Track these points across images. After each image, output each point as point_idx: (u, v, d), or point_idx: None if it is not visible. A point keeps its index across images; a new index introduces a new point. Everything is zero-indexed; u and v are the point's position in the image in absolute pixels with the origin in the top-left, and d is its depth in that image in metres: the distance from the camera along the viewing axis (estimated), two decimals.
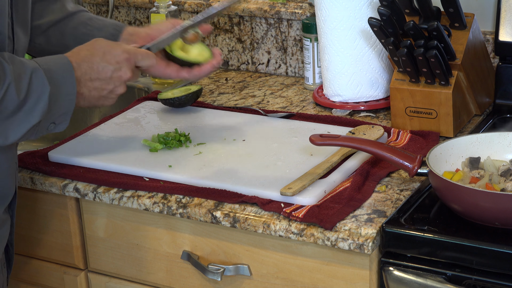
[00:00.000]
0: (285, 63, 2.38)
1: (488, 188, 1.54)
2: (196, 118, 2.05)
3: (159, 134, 1.91)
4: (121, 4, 2.56)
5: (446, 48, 1.83)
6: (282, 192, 1.63)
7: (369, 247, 1.53)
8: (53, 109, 1.59)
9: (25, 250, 1.98)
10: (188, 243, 1.75)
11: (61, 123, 1.63)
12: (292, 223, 1.60)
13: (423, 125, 1.90)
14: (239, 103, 2.16)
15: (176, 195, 1.72)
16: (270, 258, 1.67)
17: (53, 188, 1.82)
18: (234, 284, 1.73)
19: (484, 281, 1.47)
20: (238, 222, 1.64)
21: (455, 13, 1.86)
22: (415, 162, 1.62)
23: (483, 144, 1.68)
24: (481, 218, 1.51)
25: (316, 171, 1.69)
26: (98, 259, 1.88)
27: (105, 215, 1.83)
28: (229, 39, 2.44)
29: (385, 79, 2.06)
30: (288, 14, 2.32)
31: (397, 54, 1.84)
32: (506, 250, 1.45)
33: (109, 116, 2.09)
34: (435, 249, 1.50)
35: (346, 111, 2.06)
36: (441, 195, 1.57)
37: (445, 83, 1.86)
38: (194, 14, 2.46)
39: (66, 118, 1.63)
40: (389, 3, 1.85)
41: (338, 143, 1.68)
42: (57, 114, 1.61)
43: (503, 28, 1.97)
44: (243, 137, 1.92)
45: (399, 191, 1.68)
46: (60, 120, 1.62)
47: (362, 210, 1.61)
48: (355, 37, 2.01)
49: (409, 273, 1.52)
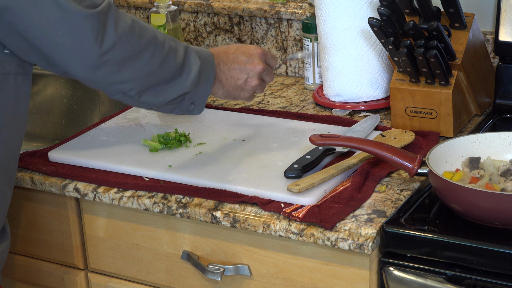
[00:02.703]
0: (285, 63, 2.38)
1: (488, 188, 1.54)
2: (196, 118, 2.05)
3: (159, 134, 1.91)
4: (121, 4, 2.56)
5: (446, 48, 1.83)
6: (288, 188, 1.63)
7: (369, 247, 1.53)
8: (197, 87, 1.71)
9: (25, 250, 1.98)
10: (188, 243, 1.75)
11: (199, 105, 1.75)
12: (292, 223, 1.60)
13: (423, 125, 1.90)
14: (239, 103, 2.16)
15: (176, 195, 1.72)
16: (270, 258, 1.67)
17: (53, 188, 1.82)
18: (234, 284, 1.73)
19: (484, 281, 1.47)
20: (238, 222, 1.64)
21: (455, 13, 1.86)
22: (415, 162, 1.62)
23: (483, 144, 1.68)
24: (481, 218, 1.51)
25: (330, 171, 1.69)
26: (98, 259, 1.88)
27: (105, 215, 1.83)
28: (229, 39, 2.43)
29: (385, 79, 2.06)
30: (288, 14, 2.32)
31: (397, 54, 1.84)
32: (506, 250, 1.45)
33: (109, 116, 2.09)
34: (435, 249, 1.50)
35: (346, 111, 2.06)
36: (441, 195, 1.57)
37: (445, 83, 1.86)
38: (194, 14, 2.46)
39: (203, 102, 1.75)
40: (389, 3, 1.85)
41: (338, 143, 1.68)
42: (198, 95, 1.72)
43: (503, 28, 1.97)
44: (243, 137, 1.92)
45: (399, 191, 1.68)
46: (198, 102, 1.74)
47: (362, 210, 1.61)
48: (355, 37, 2.01)
49: (409, 273, 1.52)
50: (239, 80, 1.79)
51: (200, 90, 1.73)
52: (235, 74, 1.78)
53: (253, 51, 1.80)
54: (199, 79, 1.71)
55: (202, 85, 1.73)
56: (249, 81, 1.79)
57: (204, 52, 1.75)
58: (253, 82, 1.80)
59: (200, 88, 1.72)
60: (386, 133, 1.86)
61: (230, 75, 1.78)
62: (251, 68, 1.79)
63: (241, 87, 1.80)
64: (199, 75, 1.70)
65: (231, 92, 1.80)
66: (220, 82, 1.78)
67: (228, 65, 1.78)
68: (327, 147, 1.77)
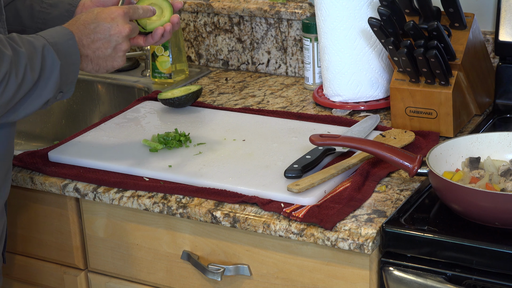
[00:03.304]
0: (285, 63, 2.38)
1: (488, 188, 1.54)
2: (196, 118, 2.05)
3: (159, 134, 1.91)
4: None
5: (446, 48, 1.83)
6: (289, 188, 1.63)
7: (369, 247, 1.53)
8: (62, 80, 1.62)
9: (25, 250, 1.98)
10: (188, 243, 1.75)
11: (68, 91, 1.65)
12: (292, 223, 1.60)
13: (423, 125, 1.90)
14: (239, 103, 2.16)
15: (176, 195, 1.72)
16: (270, 258, 1.67)
17: (53, 188, 1.82)
18: (234, 284, 1.73)
19: (484, 281, 1.47)
20: (238, 222, 1.64)
21: (455, 13, 1.86)
22: (415, 162, 1.62)
23: (483, 144, 1.68)
24: (481, 218, 1.51)
25: (330, 171, 1.69)
26: (98, 259, 1.88)
27: (105, 215, 1.83)
28: (229, 39, 2.44)
29: (385, 79, 2.06)
30: (288, 14, 2.32)
31: (397, 54, 1.84)
32: (506, 250, 1.45)
33: (109, 116, 2.09)
34: (435, 249, 1.50)
35: (346, 111, 2.06)
36: (441, 195, 1.57)
37: (445, 83, 1.86)
38: (194, 14, 2.46)
39: (72, 86, 1.65)
40: (389, 3, 1.85)
41: (338, 143, 1.68)
42: (65, 83, 1.63)
43: (503, 28, 1.97)
44: (243, 137, 1.92)
45: (399, 191, 1.68)
46: (67, 89, 1.65)
47: (362, 210, 1.61)
48: (355, 37, 2.01)
49: (409, 273, 1.52)
50: (107, 49, 1.67)
51: (65, 81, 1.63)
52: (101, 44, 1.66)
53: (114, 13, 1.67)
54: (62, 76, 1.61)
55: (66, 77, 1.62)
56: (119, 47, 1.68)
57: (63, 37, 1.63)
58: (123, 46, 1.68)
59: (64, 80, 1.63)
60: (386, 133, 1.86)
61: (95, 47, 1.66)
62: (117, 33, 1.66)
63: (112, 56, 1.68)
64: (60, 76, 1.61)
65: (102, 64, 1.69)
66: (87, 57, 1.67)
67: (92, 37, 1.66)
68: (327, 147, 1.77)
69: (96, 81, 2.44)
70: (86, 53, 1.66)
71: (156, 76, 2.36)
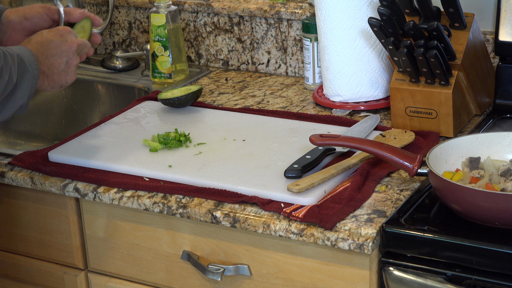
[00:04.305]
0: (285, 63, 2.38)
1: (488, 188, 1.54)
2: (196, 118, 2.05)
3: (159, 134, 1.91)
4: (121, 4, 2.56)
5: (446, 48, 1.83)
6: (289, 188, 1.63)
7: (369, 247, 1.53)
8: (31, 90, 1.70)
9: (25, 250, 1.98)
10: (188, 243, 1.75)
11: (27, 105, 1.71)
12: (292, 223, 1.60)
13: (423, 125, 1.90)
14: (239, 103, 2.16)
15: (176, 195, 1.72)
16: (270, 258, 1.67)
17: (53, 188, 1.82)
18: (234, 284, 1.73)
19: (484, 281, 1.47)
20: (238, 222, 1.64)
21: (455, 13, 1.87)
22: (415, 162, 1.62)
23: (483, 144, 1.68)
24: (481, 218, 1.51)
25: (330, 171, 1.69)
26: (98, 259, 1.88)
27: (105, 215, 1.83)
28: (229, 39, 2.44)
29: (385, 79, 2.06)
30: (288, 14, 2.32)
31: (397, 54, 1.84)
32: (506, 250, 1.45)
33: (109, 116, 2.09)
34: (435, 249, 1.50)
35: (346, 111, 2.06)
36: (441, 195, 1.57)
37: (445, 83, 1.86)
38: (194, 13, 2.46)
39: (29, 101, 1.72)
40: (389, 3, 1.85)
41: (338, 143, 1.68)
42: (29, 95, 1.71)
43: (503, 28, 1.97)
44: (243, 137, 1.92)
45: (399, 191, 1.68)
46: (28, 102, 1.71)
47: (362, 210, 1.61)
48: (355, 37, 2.01)
49: (409, 273, 1.52)
50: (60, 65, 1.76)
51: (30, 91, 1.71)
52: (54, 60, 1.75)
53: (62, 31, 1.77)
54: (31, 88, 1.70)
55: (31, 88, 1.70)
56: (70, 62, 1.77)
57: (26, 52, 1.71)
58: (74, 61, 1.77)
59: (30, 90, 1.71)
60: (386, 133, 1.86)
61: (50, 63, 1.75)
62: (67, 49, 1.76)
63: (65, 71, 1.77)
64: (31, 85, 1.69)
65: (57, 80, 1.76)
66: (43, 74, 1.75)
67: (45, 54, 1.74)
68: (327, 147, 1.77)
69: (96, 81, 2.44)
70: (43, 70, 1.74)
71: (156, 76, 2.36)
